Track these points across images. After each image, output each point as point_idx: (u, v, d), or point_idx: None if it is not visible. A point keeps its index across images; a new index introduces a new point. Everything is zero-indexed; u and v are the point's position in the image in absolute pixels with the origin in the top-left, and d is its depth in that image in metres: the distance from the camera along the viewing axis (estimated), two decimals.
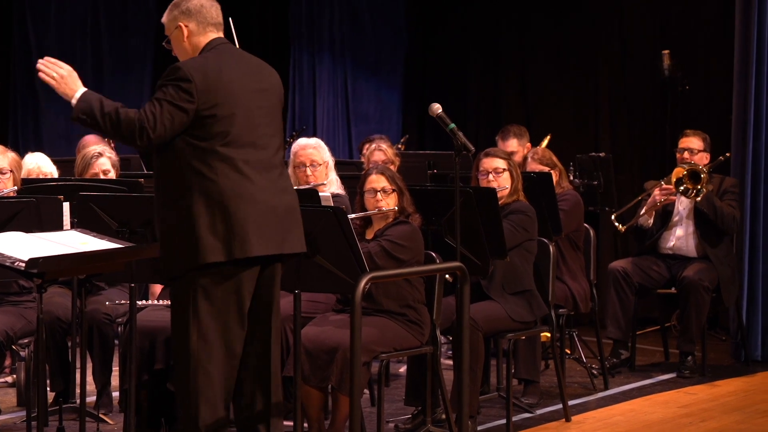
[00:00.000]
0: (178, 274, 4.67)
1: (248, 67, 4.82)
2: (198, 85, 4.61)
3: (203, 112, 4.62)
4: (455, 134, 5.71)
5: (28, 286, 6.13)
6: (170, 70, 4.68)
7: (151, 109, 4.61)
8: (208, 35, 4.81)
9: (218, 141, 4.64)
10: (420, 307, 5.94)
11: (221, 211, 4.61)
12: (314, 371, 5.66)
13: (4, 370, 7.03)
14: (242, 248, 4.63)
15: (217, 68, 4.69)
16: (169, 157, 4.67)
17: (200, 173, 4.62)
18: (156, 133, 4.59)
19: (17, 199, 5.87)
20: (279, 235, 4.73)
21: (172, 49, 4.89)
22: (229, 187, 4.63)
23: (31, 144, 10.94)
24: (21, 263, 4.38)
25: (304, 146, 6.97)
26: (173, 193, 4.66)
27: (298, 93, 11.75)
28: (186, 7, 4.81)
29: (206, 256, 4.59)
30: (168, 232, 4.69)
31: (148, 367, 5.91)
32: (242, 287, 4.70)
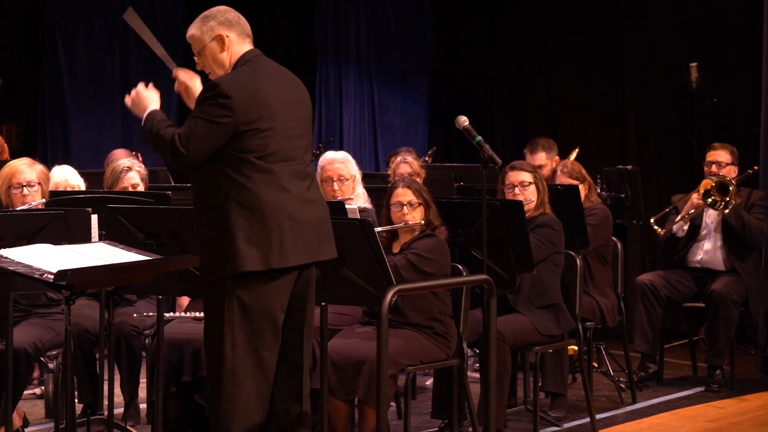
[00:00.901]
0: (215, 282, 4.67)
1: (283, 79, 4.83)
2: (237, 101, 4.63)
3: (242, 126, 4.63)
4: (482, 147, 5.70)
5: (56, 298, 6.16)
6: (208, 87, 4.70)
7: (186, 128, 4.65)
8: (245, 46, 4.83)
9: (257, 153, 4.65)
10: (446, 319, 5.93)
11: (259, 221, 4.62)
12: (341, 384, 5.66)
13: (32, 382, 7.06)
14: (280, 258, 4.64)
15: (254, 83, 4.70)
16: (208, 167, 4.69)
17: (238, 183, 4.63)
18: (190, 151, 4.62)
19: (46, 211, 5.91)
20: (314, 244, 4.74)
21: (199, 62, 4.88)
22: (266, 196, 4.64)
23: (60, 157, 11.01)
24: (49, 275, 4.40)
25: (332, 161, 6.98)
26: (211, 202, 4.68)
27: (324, 105, 11.78)
28: (225, 17, 4.83)
29: (243, 264, 4.60)
30: (205, 240, 4.70)
31: (175, 380, 5.92)
32: (276, 299, 4.70)
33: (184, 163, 4.69)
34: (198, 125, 4.63)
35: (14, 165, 6.41)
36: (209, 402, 4.82)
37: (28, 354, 5.91)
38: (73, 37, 11.62)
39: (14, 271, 4.48)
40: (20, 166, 6.37)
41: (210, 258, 4.68)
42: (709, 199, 7.76)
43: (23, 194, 6.30)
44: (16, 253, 4.56)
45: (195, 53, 4.88)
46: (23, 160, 6.48)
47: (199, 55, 4.87)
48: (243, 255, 4.59)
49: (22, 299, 6.13)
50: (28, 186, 6.32)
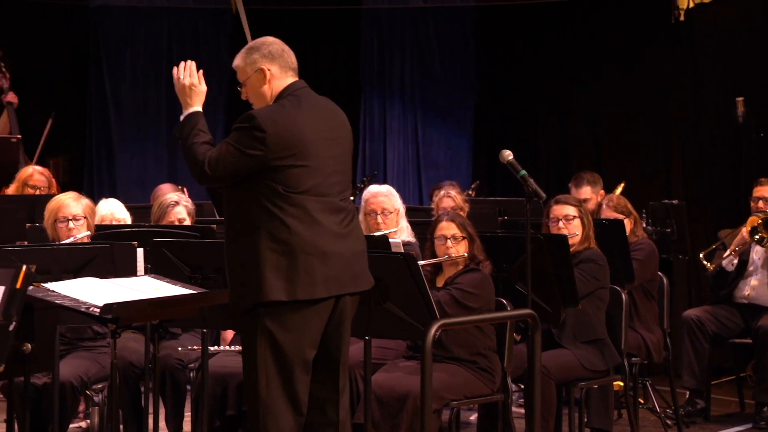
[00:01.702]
0: (244, 308, 4.68)
1: (323, 115, 4.83)
2: (271, 136, 4.63)
3: (276, 161, 4.64)
4: (526, 181, 5.69)
5: (102, 331, 6.19)
6: (245, 117, 4.71)
7: (218, 151, 4.68)
8: (288, 79, 4.84)
9: (290, 188, 4.65)
10: (491, 354, 5.91)
11: (288, 252, 4.62)
12: (385, 418, 5.64)
13: (78, 415, 7.08)
14: (307, 290, 4.63)
15: (292, 118, 4.71)
16: (240, 194, 4.70)
17: (271, 213, 4.64)
18: (215, 174, 4.66)
19: (92, 245, 5.95)
20: (346, 276, 4.72)
21: (243, 93, 4.89)
22: (297, 229, 4.64)
23: (106, 191, 11.09)
24: (96, 309, 4.42)
25: (376, 194, 6.99)
26: (242, 229, 4.69)
27: (368, 138, 11.81)
28: (268, 50, 4.84)
29: (269, 294, 4.60)
30: (235, 266, 4.71)
31: (220, 413, 5.94)
32: (307, 333, 4.68)
33: (207, 184, 4.81)
34: (229, 152, 4.65)
35: (60, 199, 6.47)
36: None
37: (74, 387, 5.93)
38: (120, 72, 11.74)
39: (60, 304, 4.52)
40: (66, 200, 6.43)
41: (239, 285, 4.69)
42: (756, 236, 7.70)
43: (69, 228, 6.35)
44: (62, 287, 4.59)
45: (240, 83, 4.90)
46: (69, 194, 6.54)
47: (243, 86, 4.89)
48: (269, 284, 4.60)
49: (68, 332, 6.17)
50: (73, 220, 6.37)
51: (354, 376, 5.99)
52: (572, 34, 11.06)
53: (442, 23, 11.76)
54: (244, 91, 4.90)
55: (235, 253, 4.71)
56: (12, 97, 9.61)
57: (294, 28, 11.13)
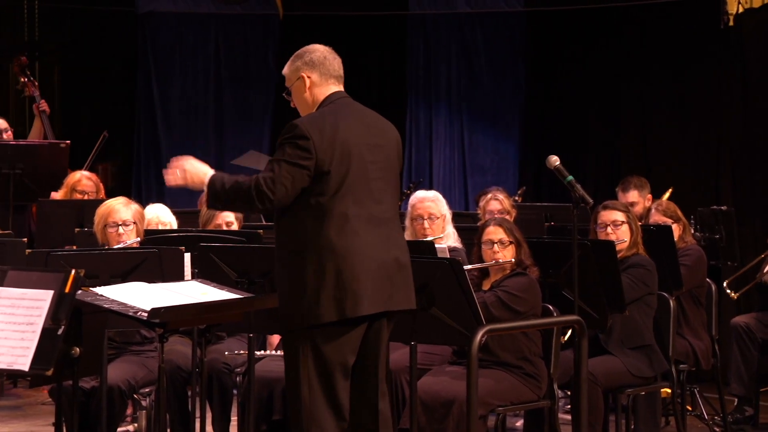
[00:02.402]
0: (292, 329, 4.70)
1: (364, 122, 4.82)
2: (315, 142, 4.63)
3: (318, 168, 4.65)
4: (573, 186, 5.67)
5: (149, 335, 6.23)
6: (288, 128, 4.70)
7: (269, 171, 4.63)
8: (329, 87, 4.83)
9: (331, 197, 4.63)
10: (537, 360, 5.89)
11: (334, 269, 4.60)
12: (430, 423, 5.63)
13: (126, 419, 7.12)
14: (354, 307, 4.62)
15: (333, 124, 4.70)
16: (287, 213, 4.69)
17: (314, 229, 4.62)
18: (277, 195, 4.61)
19: (140, 249, 6.00)
20: (387, 292, 4.70)
21: (291, 101, 4.92)
22: (340, 243, 4.62)
23: (154, 196, 11.17)
24: (143, 313, 4.45)
25: (422, 199, 6.98)
26: (289, 248, 4.69)
27: (414, 144, 11.81)
28: (309, 58, 4.84)
29: (319, 317, 4.60)
30: (283, 288, 4.71)
31: (266, 418, 5.95)
32: (349, 343, 4.69)
33: (270, 207, 4.66)
34: (282, 168, 4.61)
35: (110, 204, 6.51)
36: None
37: (122, 391, 5.97)
38: (168, 78, 11.82)
39: (109, 308, 4.55)
40: (116, 206, 6.48)
41: (287, 306, 4.69)
42: None
43: (118, 233, 6.39)
44: (110, 291, 4.62)
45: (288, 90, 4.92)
46: (119, 199, 6.58)
47: (290, 93, 4.91)
48: (319, 306, 4.58)
49: (117, 337, 6.21)
50: (123, 225, 6.41)
51: (399, 381, 5.99)
52: (621, 39, 11.01)
53: (489, 29, 11.74)
54: (291, 98, 4.92)
55: (283, 274, 4.70)
56: (45, 106, 9.71)
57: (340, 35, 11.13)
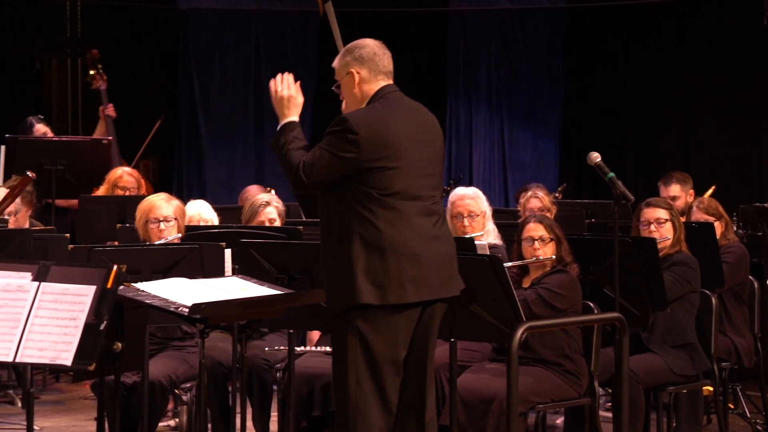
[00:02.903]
0: (337, 312, 4.71)
1: (414, 117, 4.84)
2: (363, 138, 4.65)
3: (368, 164, 4.66)
4: (614, 183, 5.65)
5: (190, 331, 6.26)
6: (338, 121, 4.73)
7: (311, 156, 4.70)
8: (379, 83, 4.84)
9: (381, 191, 4.66)
10: (577, 357, 5.87)
11: (379, 256, 4.63)
12: (470, 421, 5.63)
13: (167, 414, 7.17)
14: (398, 294, 4.64)
15: (384, 120, 4.72)
16: (334, 199, 4.73)
17: (363, 217, 4.65)
18: (310, 180, 4.68)
19: (181, 245, 6.03)
20: (436, 281, 4.73)
21: (340, 94, 4.93)
22: (389, 233, 4.65)
23: (195, 192, 11.23)
24: (185, 309, 4.47)
25: (462, 196, 6.97)
26: (336, 234, 4.71)
27: (454, 141, 11.81)
28: (359, 53, 4.86)
29: (360, 297, 4.62)
30: (329, 270, 4.74)
31: (306, 414, 5.96)
32: (398, 334, 4.70)
33: (302, 190, 4.81)
34: (323, 156, 4.67)
35: (152, 200, 6.55)
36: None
37: (163, 386, 6.00)
38: (209, 75, 11.87)
39: (150, 304, 4.57)
40: (158, 202, 6.51)
41: (332, 288, 4.73)
42: None
43: (160, 229, 6.43)
44: (152, 287, 4.65)
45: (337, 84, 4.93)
46: (161, 195, 6.61)
47: (339, 87, 4.92)
48: (361, 288, 4.61)
49: (158, 332, 6.24)
50: (164, 221, 6.44)
51: (439, 378, 5.99)
52: (662, 35, 10.95)
53: (530, 25, 11.71)
54: (340, 92, 4.93)
55: (329, 257, 4.74)
56: (111, 111, 9.78)
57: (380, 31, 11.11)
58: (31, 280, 4.54)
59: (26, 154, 8.40)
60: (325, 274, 4.77)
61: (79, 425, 7.33)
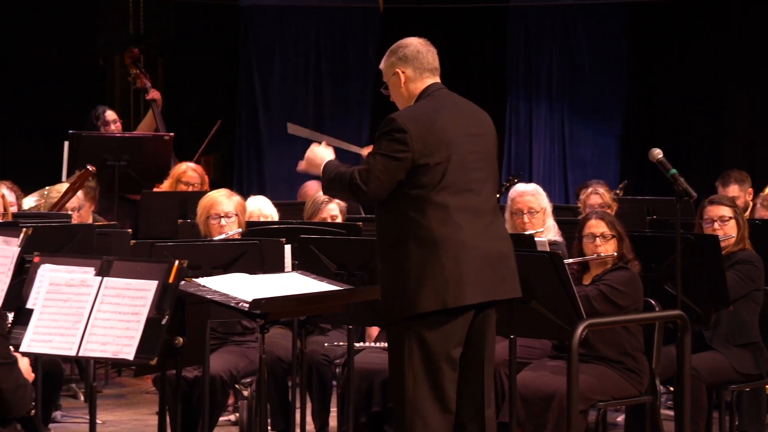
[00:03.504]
0: (394, 320, 4.71)
1: (462, 112, 4.83)
2: (412, 135, 4.65)
3: (418, 160, 4.65)
4: (676, 180, 5.60)
5: (250, 326, 6.28)
6: (385, 122, 4.74)
7: (365, 164, 4.70)
8: (425, 81, 4.84)
9: (432, 188, 4.65)
10: (638, 355, 5.82)
11: (435, 260, 4.62)
12: (530, 418, 5.61)
13: (227, 409, 7.21)
14: (456, 297, 4.63)
15: (431, 116, 4.71)
16: (387, 205, 4.73)
17: (415, 221, 4.64)
18: (370, 187, 4.66)
19: (242, 241, 6.06)
20: (492, 282, 4.71)
21: (389, 95, 4.94)
22: (442, 234, 4.63)
23: (255, 188, 11.28)
24: (245, 304, 4.50)
25: (522, 193, 6.94)
26: (389, 240, 4.72)
27: (514, 137, 11.77)
28: (403, 53, 4.85)
29: (420, 306, 4.62)
30: (384, 278, 4.74)
31: (365, 409, 5.97)
32: (455, 334, 4.70)
33: (365, 199, 4.80)
34: (377, 161, 4.67)
35: (213, 196, 6.58)
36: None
37: (224, 381, 6.03)
38: (269, 71, 11.93)
39: (211, 299, 4.60)
40: (219, 197, 6.54)
41: (388, 297, 4.72)
42: None
43: (221, 225, 6.46)
44: (212, 282, 4.68)
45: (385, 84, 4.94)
46: (222, 191, 6.65)
47: (387, 88, 4.93)
48: (419, 296, 4.61)
49: (219, 327, 6.28)
50: (225, 217, 6.47)
51: (499, 374, 5.97)
52: (726, 30, 10.83)
53: (592, 20, 11.64)
54: (388, 92, 4.95)
55: (385, 265, 4.74)
56: (155, 94, 9.79)
57: (441, 27, 11.14)
58: (94, 275, 4.59)
59: (89, 150, 8.47)
60: (381, 282, 4.77)
61: (140, 419, 7.39)
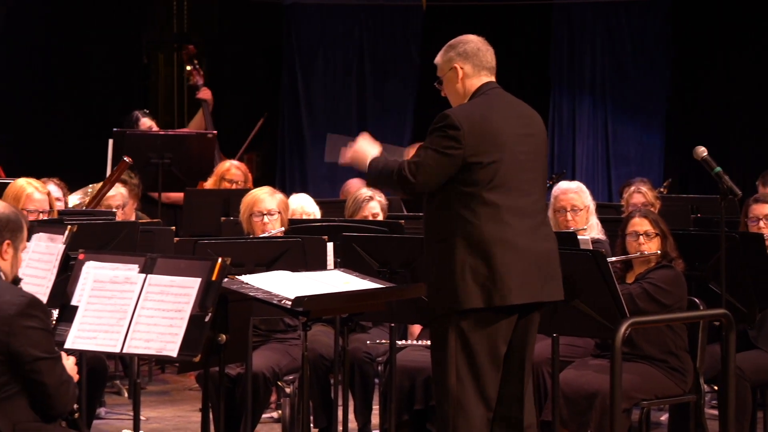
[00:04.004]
0: (438, 314, 4.71)
1: (515, 112, 4.82)
2: (466, 132, 4.64)
3: (470, 158, 4.65)
4: (721, 178, 5.56)
5: (293, 324, 6.30)
6: (439, 118, 4.73)
7: (415, 156, 4.70)
8: (481, 79, 4.83)
9: (483, 187, 4.65)
10: (682, 354, 5.79)
11: (483, 258, 4.62)
12: (573, 416, 5.59)
13: (270, 406, 7.24)
14: (503, 296, 4.63)
15: (485, 115, 4.70)
16: (436, 201, 4.73)
17: (464, 218, 4.64)
18: (418, 179, 4.66)
19: (284, 239, 6.08)
20: (538, 283, 4.71)
21: (442, 90, 4.92)
22: (491, 233, 4.63)
23: (297, 185, 11.32)
24: (287, 301, 4.51)
25: (565, 191, 6.92)
26: (438, 236, 4.71)
27: (557, 135, 11.74)
28: (463, 49, 4.84)
29: (466, 301, 4.61)
30: (431, 273, 4.74)
31: (408, 407, 5.97)
32: (499, 333, 4.70)
33: (410, 191, 4.77)
34: (428, 156, 4.66)
35: (256, 194, 6.61)
36: (438, 430, 4.83)
37: (266, 378, 6.05)
38: (312, 69, 11.95)
39: (254, 296, 4.62)
40: (262, 195, 6.57)
41: (434, 291, 4.72)
42: None
43: (264, 222, 6.48)
44: (255, 280, 4.70)
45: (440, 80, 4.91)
46: (265, 189, 6.67)
47: (441, 83, 4.90)
48: (465, 292, 4.61)
49: (261, 324, 6.30)
50: (268, 214, 6.49)
51: (541, 373, 5.96)
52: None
53: (635, 17, 11.59)
54: (441, 88, 4.92)
55: (432, 260, 4.74)
56: (206, 94, 9.83)
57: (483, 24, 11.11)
58: (138, 272, 4.62)
59: (133, 147, 8.52)
60: (428, 277, 4.77)
61: (184, 416, 7.43)
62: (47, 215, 6.38)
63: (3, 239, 4.23)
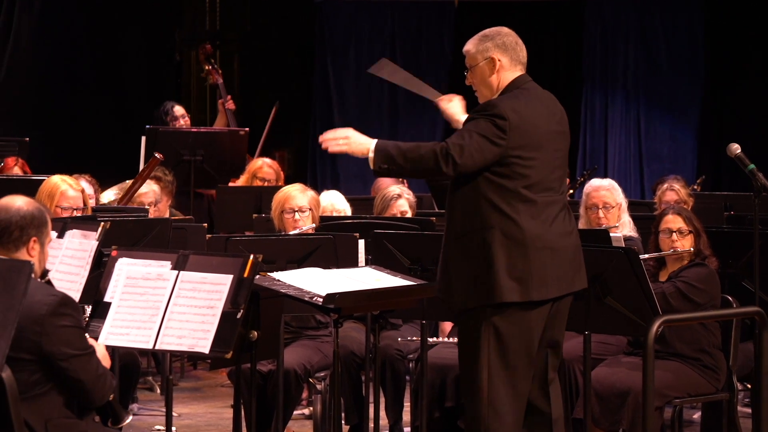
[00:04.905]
0: (469, 308, 4.69)
1: (548, 109, 4.78)
2: (512, 124, 4.59)
3: (511, 151, 4.61)
4: (754, 175, 5.53)
5: (324, 320, 6.31)
6: (486, 105, 4.67)
7: (459, 138, 4.60)
8: (516, 72, 4.78)
9: (520, 182, 4.61)
10: (715, 352, 5.76)
11: (522, 253, 4.59)
12: (605, 414, 5.57)
13: (301, 402, 7.25)
14: (540, 290, 4.61)
15: (528, 109, 4.67)
16: (467, 190, 4.66)
17: (502, 211, 4.61)
18: (462, 160, 4.55)
19: (316, 236, 6.09)
20: (569, 275, 4.70)
21: (467, 78, 4.83)
22: (530, 228, 4.60)
23: (329, 183, 11.33)
24: (319, 298, 4.51)
25: (597, 188, 6.89)
26: (470, 228, 4.65)
27: (589, 131, 11.69)
28: (502, 41, 4.78)
29: (503, 295, 4.58)
30: (461, 265, 4.68)
31: (439, 405, 5.96)
32: (534, 328, 4.67)
33: (452, 171, 4.58)
34: (474, 140, 4.57)
35: (288, 191, 6.62)
36: (468, 428, 4.81)
37: (298, 375, 6.06)
38: (344, 66, 11.96)
39: (285, 293, 4.63)
40: (293, 192, 6.58)
41: (466, 284, 4.66)
42: None
43: (295, 219, 6.49)
44: (287, 276, 4.70)
45: (467, 68, 4.84)
46: (296, 186, 6.68)
47: (470, 71, 4.83)
48: (504, 286, 4.58)
49: (293, 321, 6.31)
50: (299, 211, 6.50)
51: (573, 370, 5.94)
52: None
53: (669, 13, 11.53)
54: (470, 77, 4.83)
55: (461, 250, 4.68)
56: (231, 104, 9.94)
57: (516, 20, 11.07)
58: (171, 269, 4.64)
59: (165, 145, 8.56)
60: (453, 267, 4.70)
61: (215, 412, 7.45)
62: (81, 212, 6.41)
63: (29, 237, 4.24)
